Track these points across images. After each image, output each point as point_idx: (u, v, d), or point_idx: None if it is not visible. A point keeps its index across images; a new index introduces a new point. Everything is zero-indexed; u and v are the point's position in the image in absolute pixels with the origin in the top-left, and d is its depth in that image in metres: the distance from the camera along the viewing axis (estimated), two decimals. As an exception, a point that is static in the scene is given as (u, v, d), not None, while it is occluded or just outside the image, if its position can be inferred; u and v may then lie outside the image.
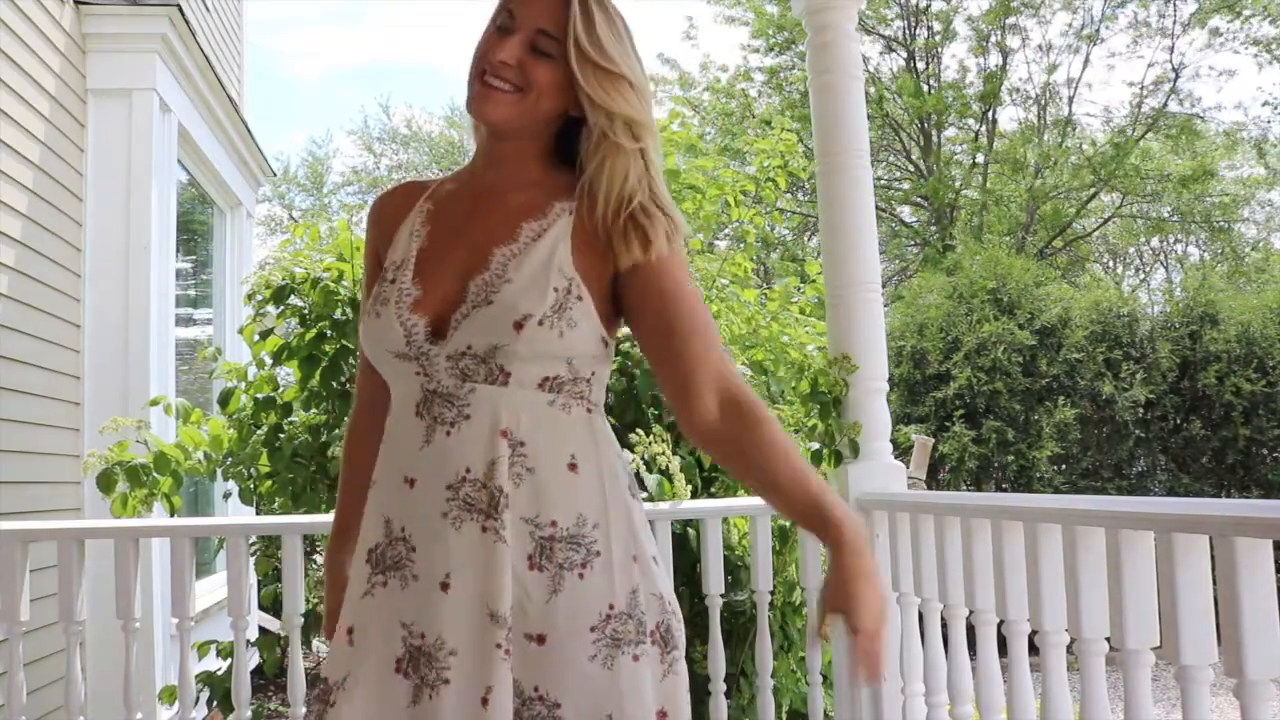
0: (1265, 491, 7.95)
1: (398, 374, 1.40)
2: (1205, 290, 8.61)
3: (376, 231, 1.52)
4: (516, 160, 1.45)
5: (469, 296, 1.37)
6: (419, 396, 1.38)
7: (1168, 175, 14.37)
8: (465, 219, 1.45)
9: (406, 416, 1.39)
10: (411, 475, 1.37)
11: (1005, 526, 2.15)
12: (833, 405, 2.92)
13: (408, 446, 1.38)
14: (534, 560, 1.33)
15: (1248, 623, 1.51)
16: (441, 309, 1.39)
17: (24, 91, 4.02)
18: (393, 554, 1.36)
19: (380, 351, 1.41)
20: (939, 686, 2.52)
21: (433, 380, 1.37)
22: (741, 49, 14.51)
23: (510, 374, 1.36)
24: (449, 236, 1.45)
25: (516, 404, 1.37)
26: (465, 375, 1.36)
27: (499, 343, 1.35)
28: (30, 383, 4.02)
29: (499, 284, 1.37)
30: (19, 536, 2.63)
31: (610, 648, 1.31)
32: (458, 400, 1.36)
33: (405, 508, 1.37)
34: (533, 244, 1.40)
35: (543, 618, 1.31)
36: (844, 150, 2.93)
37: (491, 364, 1.36)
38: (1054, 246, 14.81)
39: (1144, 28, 14.22)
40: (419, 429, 1.37)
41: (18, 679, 2.61)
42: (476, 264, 1.39)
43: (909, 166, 14.96)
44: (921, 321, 8.47)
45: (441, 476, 1.35)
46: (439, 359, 1.37)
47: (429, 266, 1.42)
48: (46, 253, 4.19)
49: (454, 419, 1.36)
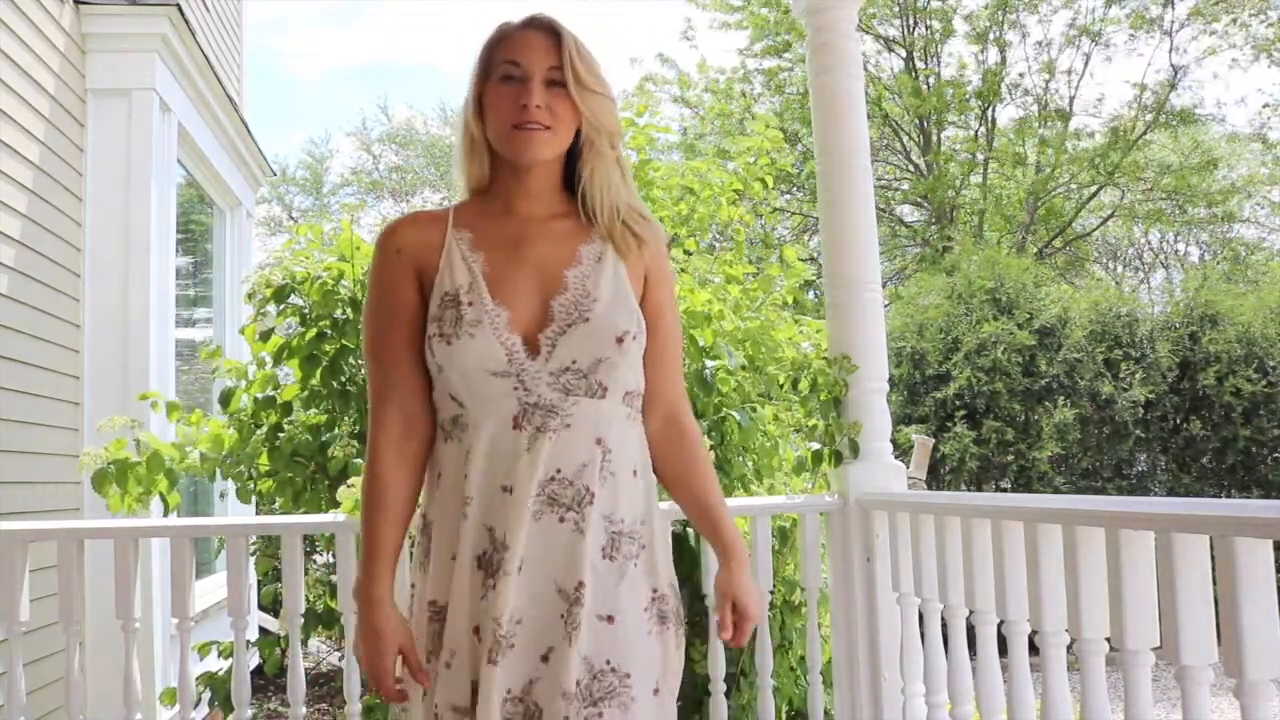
0: (1265, 491, 7.95)
1: (491, 392, 1.52)
2: (1205, 290, 8.61)
3: (408, 258, 1.61)
4: (546, 189, 1.63)
5: (557, 316, 1.54)
6: (517, 410, 1.52)
7: (1169, 167, 14.36)
8: (516, 244, 1.60)
9: (503, 430, 1.52)
10: (509, 483, 1.50)
11: (1005, 526, 2.15)
12: (833, 405, 2.91)
13: (507, 457, 1.51)
14: (606, 551, 1.53)
15: (1248, 623, 1.51)
16: (529, 329, 1.54)
17: (24, 91, 4.02)
18: (497, 559, 1.49)
19: (476, 371, 1.52)
20: (939, 686, 2.52)
21: (532, 394, 1.52)
22: (740, 53, 14.51)
23: (608, 389, 1.55)
24: (509, 261, 1.58)
25: (609, 416, 1.56)
26: (568, 389, 1.53)
27: (603, 356, 1.53)
28: (30, 383, 4.02)
29: (588, 303, 1.55)
30: (19, 536, 2.63)
31: (659, 623, 1.57)
32: (561, 412, 1.52)
33: (504, 514, 1.50)
34: (598, 265, 1.60)
35: (612, 601, 1.51)
36: (844, 150, 2.94)
37: (592, 379, 1.54)
38: (1054, 246, 14.81)
39: (1144, 24, 14.22)
40: (520, 440, 1.51)
41: (18, 679, 2.61)
42: (552, 285, 1.56)
43: (909, 166, 14.96)
44: (921, 322, 8.47)
45: (534, 478, 1.50)
46: (540, 375, 1.52)
47: (501, 289, 1.55)
48: (46, 253, 4.19)
49: (556, 428, 1.52)
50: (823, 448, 2.93)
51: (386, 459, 1.60)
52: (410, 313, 1.60)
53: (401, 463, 1.60)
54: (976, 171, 14.61)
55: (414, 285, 1.60)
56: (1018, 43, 14.64)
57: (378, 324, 1.61)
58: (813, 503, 2.88)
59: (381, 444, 1.60)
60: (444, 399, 1.58)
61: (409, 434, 1.60)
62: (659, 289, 1.67)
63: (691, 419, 1.71)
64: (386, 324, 1.60)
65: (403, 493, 1.60)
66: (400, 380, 1.60)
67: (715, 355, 3.24)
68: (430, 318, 1.56)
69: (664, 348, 1.67)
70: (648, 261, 1.66)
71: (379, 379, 1.62)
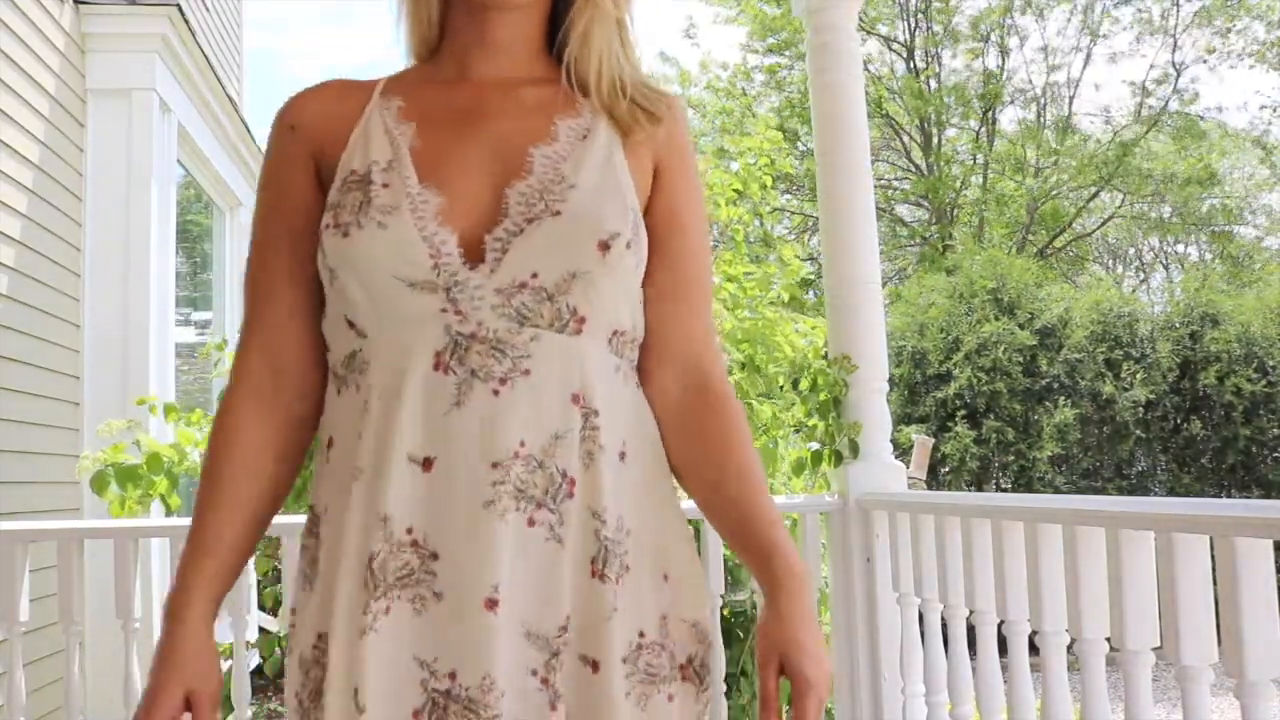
0: (1265, 491, 7.95)
1: (405, 312, 1.02)
2: (1205, 290, 8.62)
3: (305, 135, 1.12)
4: (518, 46, 1.14)
5: (511, 208, 1.04)
6: (443, 342, 1.01)
7: (1171, 176, 14.37)
8: (466, 118, 1.11)
9: (418, 371, 1.01)
10: (427, 453, 0.99)
11: (1005, 526, 2.14)
12: (833, 405, 2.91)
13: (422, 412, 1.00)
14: (596, 566, 1.02)
15: (1248, 623, 1.51)
16: (470, 225, 1.04)
17: (24, 91, 4.02)
18: (398, 566, 0.99)
19: (383, 278, 1.02)
20: (939, 686, 2.52)
21: (469, 321, 1.01)
22: (740, 48, 14.52)
23: (585, 319, 1.04)
24: (453, 137, 1.09)
25: (589, 361, 1.05)
26: (523, 317, 1.02)
27: (578, 269, 1.03)
28: (30, 382, 4.02)
29: (560, 190, 1.05)
30: (19, 536, 2.63)
31: (643, 683, 1.04)
32: (512, 349, 1.01)
33: (417, 499, 0.99)
34: (582, 144, 1.09)
35: (600, 639, 1.01)
36: (844, 149, 2.93)
37: (561, 302, 1.03)
38: (1054, 246, 14.81)
39: (1146, 26, 14.22)
40: (444, 388, 1.00)
41: (18, 679, 2.60)
42: (511, 167, 1.07)
43: (909, 166, 14.96)
44: (922, 322, 8.47)
45: (483, 451, 0.99)
46: (482, 292, 1.02)
47: (435, 169, 1.06)
48: (46, 253, 4.19)
49: (505, 374, 1.00)
50: (823, 448, 2.93)
51: (240, 414, 1.10)
52: (297, 209, 1.11)
53: (262, 420, 1.09)
54: (976, 173, 14.61)
55: (309, 172, 1.11)
56: (1018, 44, 14.64)
57: (257, 222, 1.15)
58: (813, 503, 2.88)
59: (237, 394, 1.11)
60: (337, 328, 1.07)
61: (279, 383, 1.10)
62: (678, 189, 1.14)
63: (728, 386, 1.16)
64: (264, 225, 1.13)
65: (256, 463, 1.08)
66: (274, 304, 1.11)
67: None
68: (327, 206, 1.07)
69: (683, 277, 1.14)
70: (659, 148, 1.14)
71: (246, 303, 1.14)
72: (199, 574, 1.07)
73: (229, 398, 1.12)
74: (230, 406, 1.11)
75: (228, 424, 1.10)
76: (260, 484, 1.10)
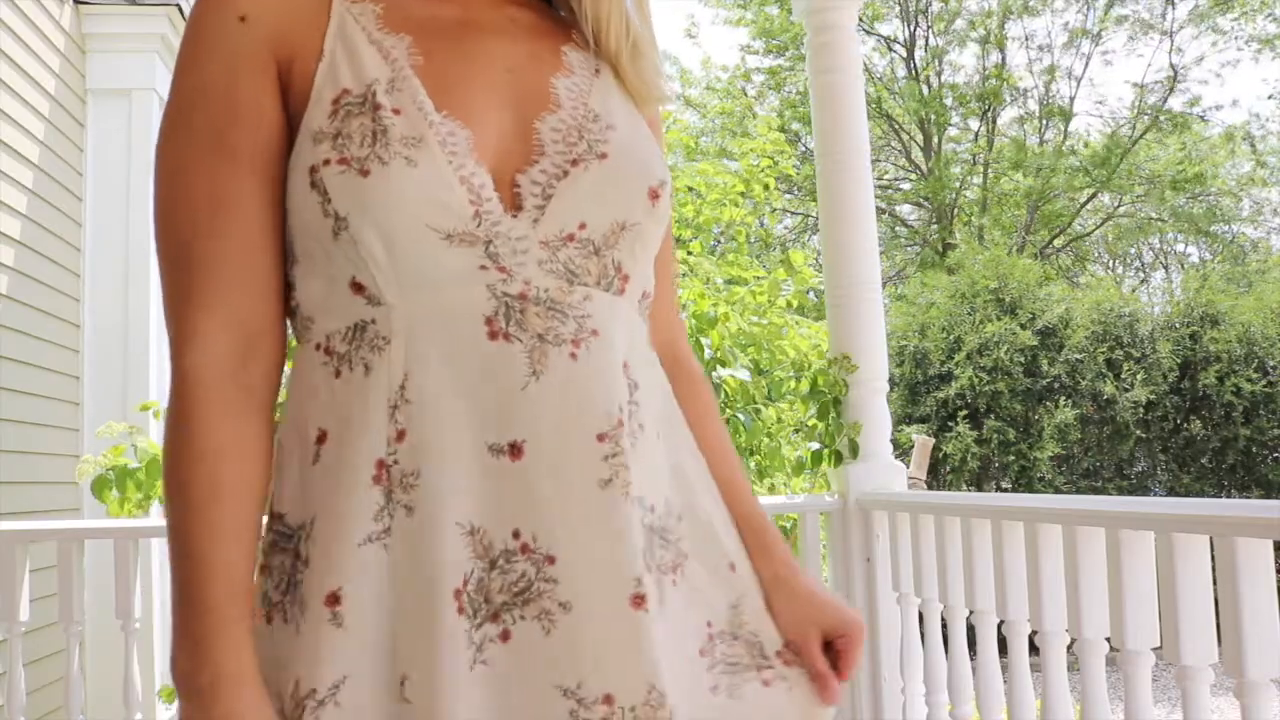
0: (1265, 491, 7.96)
1: (443, 272, 0.83)
2: (1206, 291, 8.62)
3: (264, 31, 0.85)
4: None
5: (547, 146, 0.87)
6: (491, 306, 0.83)
7: (1170, 178, 14.38)
8: (463, 30, 0.92)
9: (471, 342, 0.82)
10: (513, 437, 0.81)
11: (1005, 526, 2.14)
12: (833, 405, 2.92)
13: (494, 390, 0.82)
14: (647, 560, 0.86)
15: (1248, 623, 1.51)
16: (500, 164, 0.86)
17: (24, 91, 4.02)
18: (509, 582, 0.80)
19: (414, 229, 0.82)
20: (939, 686, 2.52)
21: (514, 280, 0.84)
22: (741, 49, 14.52)
23: (629, 277, 0.90)
24: (454, 52, 0.90)
25: (634, 326, 0.92)
26: (571, 274, 0.86)
27: (627, 219, 0.89)
28: (30, 383, 4.02)
29: (598, 129, 0.90)
30: (19, 537, 2.63)
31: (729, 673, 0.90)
32: (571, 310, 0.85)
33: (508, 496, 0.81)
34: (598, 79, 0.95)
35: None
36: (844, 149, 2.93)
37: (608, 257, 0.88)
38: (1054, 246, 14.82)
39: (1143, 25, 14.22)
40: (511, 359, 0.82)
41: (18, 679, 2.60)
42: (532, 96, 0.90)
43: (909, 166, 14.97)
44: (923, 321, 8.48)
45: (583, 425, 0.83)
46: (526, 244, 0.85)
47: (445, 93, 0.86)
48: (46, 253, 4.19)
49: (575, 335, 0.84)
50: (823, 448, 2.93)
51: (215, 405, 0.82)
52: (262, 130, 0.85)
53: (244, 409, 0.84)
54: (977, 174, 14.62)
55: (271, 80, 0.86)
56: (1019, 44, 14.64)
57: (194, 154, 0.85)
58: (813, 502, 2.88)
59: (203, 379, 0.83)
60: (335, 294, 0.86)
61: (252, 358, 0.85)
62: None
63: (700, 368, 1.08)
64: (213, 153, 0.84)
65: (249, 470, 0.83)
66: (245, 261, 0.85)
67: (723, 361, 3.25)
68: (315, 134, 0.84)
69: (662, 258, 1.01)
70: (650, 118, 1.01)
71: (187, 264, 0.85)
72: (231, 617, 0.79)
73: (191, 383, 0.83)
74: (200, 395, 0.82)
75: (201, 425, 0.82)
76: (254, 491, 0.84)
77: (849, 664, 0.97)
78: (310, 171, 0.84)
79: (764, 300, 3.83)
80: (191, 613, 0.79)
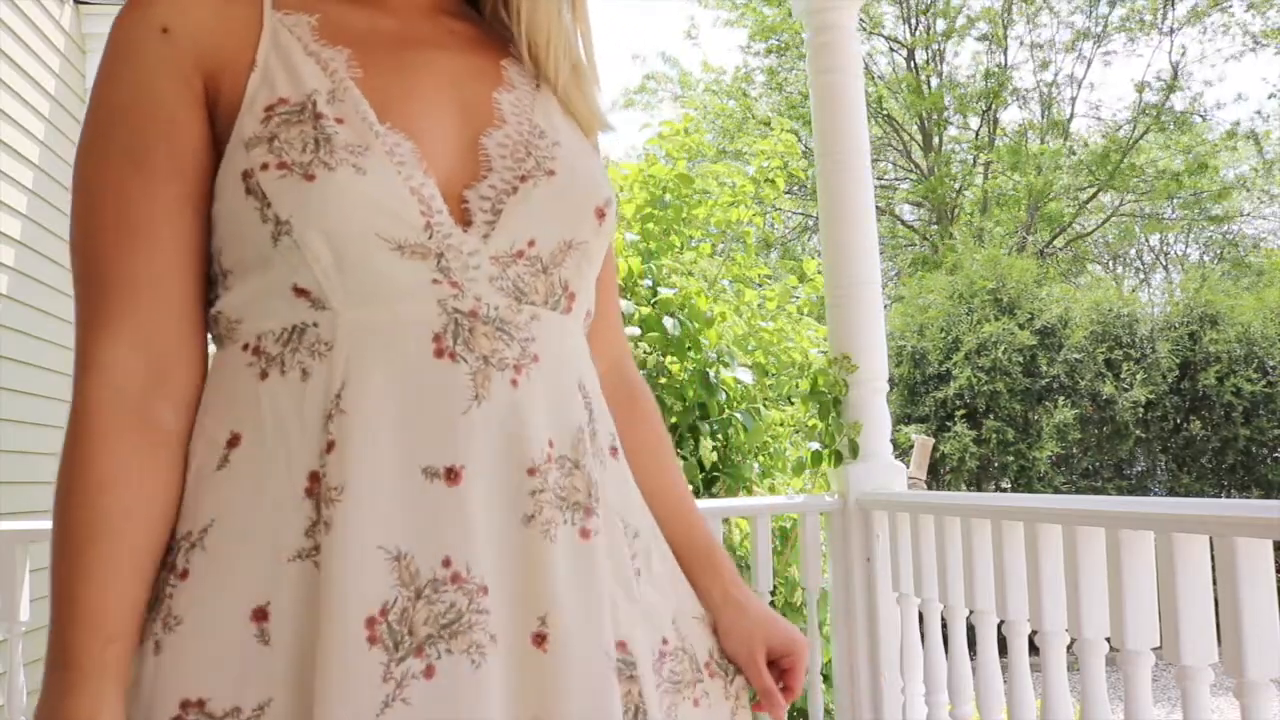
0: (1265, 491, 7.96)
1: (392, 284, 0.81)
2: (1205, 291, 8.62)
3: (188, 43, 0.83)
4: None
5: (495, 161, 0.87)
6: (441, 322, 0.81)
7: (1172, 175, 14.39)
8: (402, 42, 0.90)
9: (417, 359, 0.80)
10: (450, 461, 0.79)
11: (1005, 526, 2.15)
12: (833, 405, 2.92)
13: (435, 410, 0.80)
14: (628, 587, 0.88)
15: (1248, 623, 1.51)
16: (449, 179, 0.85)
17: (24, 91, 4.03)
18: (436, 613, 0.76)
19: (363, 238, 0.80)
20: (939, 686, 2.52)
21: (465, 296, 0.82)
22: (740, 50, 14.53)
23: (574, 295, 0.90)
24: (394, 64, 0.88)
25: (581, 345, 0.92)
26: (519, 292, 0.85)
27: (574, 238, 0.89)
28: (30, 383, 4.03)
29: (545, 145, 0.89)
30: (19, 537, 2.63)
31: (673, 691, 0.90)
32: (516, 331, 0.84)
33: (443, 522, 0.78)
34: (538, 94, 0.94)
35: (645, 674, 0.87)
36: (844, 149, 2.94)
37: (555, 275, 0.87)
38: (1054, 246, 14.82)
39: (1142, 25, 14.23)
40: (455, 379, 0.80)
41: (18, 679, 2.60)
42: (476, 111, 0.89)
43: (909, 166, 14.97)
44: (922, 322, 8.48)
45: (515, 456, 0.81)
46: (478, 260, 0.83)
47: (392, 107, 0.85)
48: (46, 253, 4.19)
49: (518, 360, 0.83)
50: (823, 448, 2.93)
51: (107, 436, 0.77)
52: (183, 141, 0.82)
53: (141, 441, 0.79)
54: (977, 174, 14.63)
55: (195, 93, 0.83)
56: (1018, 43, 14.65)
57: (108, 169, 0.82)
58: (813, 502, 2.88)
59: (97, 408, 0.78)
60: (274, 296, 0.82)
61: (160, 388, 0.81)
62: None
63: (647, 388, 1.08)
64: (130, 165, 0.81)
65: (140, 501, 0.78)
66: (161, 279, 0.81)
67: (723, 361, 3.25)
68: (248, 140, 0.81)
69: (606, 275, 1.01)
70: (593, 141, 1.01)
71: (97, 283, 0.81)
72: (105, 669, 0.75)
73: (89, 415, 0.78)
74: (95, 428, 0.77)
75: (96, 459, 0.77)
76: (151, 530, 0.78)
77: (797, 681, 1.00)
78: (244, 176, 0.81)
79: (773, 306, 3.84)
80: (52, 662, 0.75)
